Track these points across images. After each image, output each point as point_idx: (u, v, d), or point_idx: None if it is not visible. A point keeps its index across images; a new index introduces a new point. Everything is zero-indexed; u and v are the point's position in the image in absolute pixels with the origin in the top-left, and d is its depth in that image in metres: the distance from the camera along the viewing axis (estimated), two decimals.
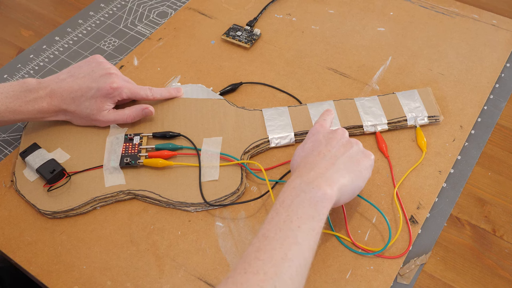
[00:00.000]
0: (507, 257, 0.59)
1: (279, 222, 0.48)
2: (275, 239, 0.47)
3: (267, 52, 0.80)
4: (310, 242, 0.48)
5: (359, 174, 0.55)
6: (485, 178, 0.66)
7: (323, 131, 0.58)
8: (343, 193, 0.53)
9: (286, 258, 0.45)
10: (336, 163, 0.54)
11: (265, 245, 0.47)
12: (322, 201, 0.50)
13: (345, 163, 0.54)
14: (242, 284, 0.44)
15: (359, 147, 0.57)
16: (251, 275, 0.44)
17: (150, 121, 0.69)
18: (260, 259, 0.45)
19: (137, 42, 0.83)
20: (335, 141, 0.56)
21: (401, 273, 0.57)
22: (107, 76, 0.65)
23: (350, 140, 0.57)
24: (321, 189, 0.50)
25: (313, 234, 0.48)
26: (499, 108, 0.72)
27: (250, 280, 0.44)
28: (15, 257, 0.59)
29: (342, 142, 0.56)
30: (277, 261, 0.45)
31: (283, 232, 0.47)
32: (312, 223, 0.48)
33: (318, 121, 0.60)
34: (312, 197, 0.50)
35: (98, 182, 0.63)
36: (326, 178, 0.52)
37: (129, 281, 0.57)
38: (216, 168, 0.64)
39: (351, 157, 0.55)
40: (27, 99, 0.63)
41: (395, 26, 0.83)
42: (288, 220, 0.48)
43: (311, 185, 0.50)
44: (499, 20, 0.83)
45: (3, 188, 0.65)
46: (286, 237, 0.47)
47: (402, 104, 0.70)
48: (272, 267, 0.45)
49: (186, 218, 0.62)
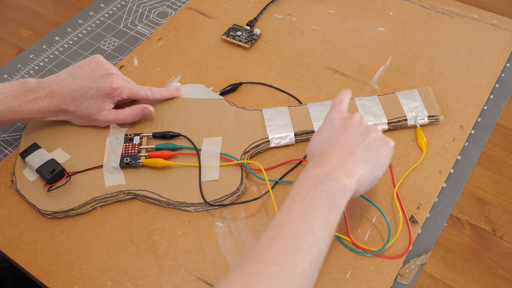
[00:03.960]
0: (507, 257, 0.59)
1: (295, 213, 0.47)
2: (290, 229, 0.45)
3: (267, 52, 0.80)
4: (325, 234, 0.46)
5: (378, 163, 0.53)
6: (485, 178, 0.66)
7: (339, 117, 0.55)
8: (361, 184, 0.51)
9: (301, 250, 0.44)
10: (354, 153, 0.52)
11: (280, 235, 0.45)
12: (340, 193, 0.48)
13: (363, 153, 0.52)
14: (255, 275, 0.42)
15: (377, 134, 0.55)
16: (266, 265, 0.43)
17: (150, 121, 0.69)
18: (274, 249, 0.44)
19: (137, 42, 0.83)
20: (352, 128, 0.54)
21: (401, 273, 0.57)
22: (107, 76, 0.65)
23: (368, 127, 0.55)
24: (339, 181, 0.48)
25: (329, 226, 0.47)
26: (499, 108, 0.72)
27: (263, 271, 0.43)
28: (15, 257, 0.59)
29: (360, 129, 0.54)
30: (291, 253, 0.44)
31: (298, 223, 0.46)
32: (329, 215, 0.47)
33: (334, 105, 0.57)
34: (329, 189, 0.48)
35: (98, 182, 0.63)
36: (345, 169, 0.50)
37: (129, 281, 0.57)
38: (216, 168, 0.64)
39: (370, 146, 0.53)
40: (27, 99, 0.63)
41: (395, 26, 0.83)
42: (304, 211, 0.47)
43: (328, 176, 0.49)
44: (499, 20, 0.83)
45: (3, 188, 0.65)
46: (302, 228, 0.45)
47: (402, 103, 0.70)
48: (286, 258, 0.43)
49: (186, 218, 0.62)
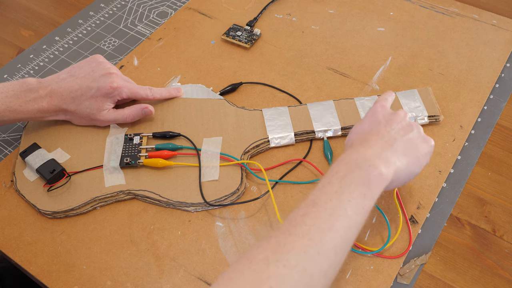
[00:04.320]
0: (507, 257, 0.59)
1: (331, 192, 0.47)
2: (325, 208, 0.46)
3: (267, 52, 0.80)
4: (357, 218, 0.46)
5: (416, 159, 0.53)
6: (485, 178, 0.66)
7: (382, 111, 0.56)
8: (398, 177, 0.51)
9: (333, 229, 0.44)
10: (394, 145, 0.52)
11: (313, 212, 0.45)
12: (377, 180, 0.48)
13: (403, 146, 0.52)
14: (286, 245, 0.43)
15: (419, 131, 0.55)
16: (297, 237, 0.43)
17: (150, 121, 0.69)
18: (306, 224, 0.44)
19: (137, 42, 0.83)
20: (395, 123, 0.54)
21: (401, 273, 0.57)
22: (107, 76, 0.65)
23: (410, 123, 0.55)
24: (377, 168, 0.48)
25: (363, 212, 0.47)
26: (499, 108, 0.72)
27: (295, 242, 0.43)
28: (15, 257, 0.59)
29: (402, 124, 0.55)
30: (324, 230, 0.44)
31: (333, 202, 0.46)
32: (364, 200, 0.47)
33: (378, 100, 0.58)
34: (367, 175, 0.48)
35: (98, 182, 0.63)
36: (384, 158, 0.50)
37: (129, 281, 0.57)
38: (216, 168, 0.64)
39: (410, 141, 0.53)
40: (27, 98, 0.63)
41: (395, 26, 0.83)
42: (340, 191, 0.47)
43: (367, 162, 0.49)
44: (499, 20, 0.83)
45: (3, 188, 0.65)
46: (336, 208, 0.46)
47: (402, 103, 0.70)
48: (318, 234, 0.44)
49: (186, 218, 0.62)
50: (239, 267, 0.42)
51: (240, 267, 0.42)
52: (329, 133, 0.68)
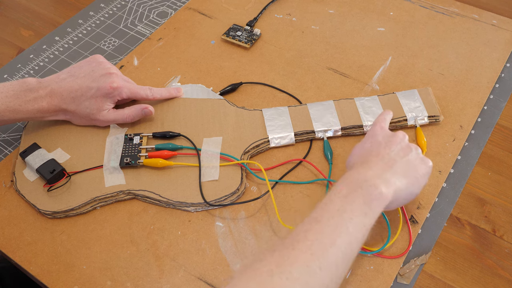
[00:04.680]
0: (507, 257, 0.59)
1: (333, 210, 0.49)
2: (327, 225, 0.47)
3: (267, 52, 0.80)
4: (358, 235, 0.48)
5: (415, 180, 0.55)
6: (485, 178, 0.66)
7: (382, 133, 0.58)
8: (397, 198, 0.53)
9: (335, 245, 0.46)
10: (394, 166, 0.54)
11: (316, 228, 0.47)
12: (378, 200, 0.50)
13: (402, 168, 0.54)
14: (289, 259, 0.44)
15: (418, 153, 0.57)
16: (300, 252, 0.45)
17: (150, 121, 0.69)
18: (309, 239, 0.46)
19: (137, 42, 0.83)
20: (394, 144, 0.56)
21: (401, 273, 0.57)
22: (107, 76, 0.65)
23: (409, 145, 0.57)
24: (377, 188, 0.50)
25: (363, 229, 0.48)
26: (499, 108, 0.72)
27: (298, 257, 0.45)
28: (15, 257, 0.59)
29: (402, 145, 0.56)
30: (325, 245, 0.46)
31: (335, 220, 0.48)
32: (364, 219, 0.49)
33: (377, 121, 0.60)
34: (368, 194, 0.50)
35: (98, 182, 0.63)
36: (384, 179, 0.52)
37: (129, 281, 0.57)
38: (216, 168, 0.64)
39: (409, 162, 0.55)
40: (27, 98, 0.63)
41: (395, 26, 0.83)
42: (341, 209, 0.48)
43: (368, 182, 0.51)
44: (499, 20, 0.83)
45: (3, 188, 0.65)
46: (338, 225, 0.47)
47: (402, 104, 0.70)
48: (320, 249, 0.45)
49: (186, 218, 0.62)
50: (245, 278, 0.44)
51: (246, 278, 0.44)
52: (329, 133, 0.68)
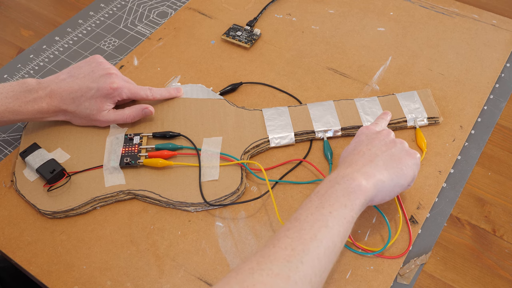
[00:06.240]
0: (507, 257, 0.59)
1: (311, 208, 0.49)
2: (306, 221, 0.48)
3: (267, 52, 0.80)
4: (340, 228, 0.48)
5: (400, 171, 0.54)
6: (485, 178, 0.66)
7: (367, 132, 0.59)
8: (381, 190, 0.53)
9: (315, 239, 0.46)
10: (374, 160, 0.54)
11: (295, 226, 0.48)
12: (356, 191, 0.50)
13: (384, 161, 0.54)
14: (269, 256, 0.45)
15: (403, 146, 0.57)
16: (279, 249, 0.46)
17: (150, 121, 0.69)
18: (289, 237, 0.47)
19: (137, 42, 0.83)
20: (377, 140, 0.57)
21: (401, 273, 0.57)
22: (107, 76, 0.65)
23: (394, 140, 0.57)
24: (355, 180, 0.51)
25: (344, 221, 0.49)
26: (499, 108, 0.72)
27: (277, 253, 0.45)
28: (15, 257, 0.59)
29: (385, 141, 0.57)
30: (306, 240, 0.46)
31: (314, 216, 0.48)
32: (344, 211, 0.49)
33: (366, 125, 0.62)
34: (346, 188, 0.50)
35: (98, 182, 0.63)
36: (363, 172, 0.52)
37: (129, 281, 0.57)
38: (216, 168, 0.64)
39: (392, 155, 0.55)
40: (27, 99, 0.63)
41: (395, 26, 0.83)
42: (320, 206, 0.49)
43: (346, 177, 0.51)
44: (499, 20, 0.83)
45: (3, 188, 0.65)
46: (317, 220, 0.48)
47: (402, 105, 0.70)
48: (300, 244, 0.46)
49: (186, 218, 0.62)
50: (227, 279, 0.44)
51: (228, 279, 0.44)
52: (329, 133, 0.68)
